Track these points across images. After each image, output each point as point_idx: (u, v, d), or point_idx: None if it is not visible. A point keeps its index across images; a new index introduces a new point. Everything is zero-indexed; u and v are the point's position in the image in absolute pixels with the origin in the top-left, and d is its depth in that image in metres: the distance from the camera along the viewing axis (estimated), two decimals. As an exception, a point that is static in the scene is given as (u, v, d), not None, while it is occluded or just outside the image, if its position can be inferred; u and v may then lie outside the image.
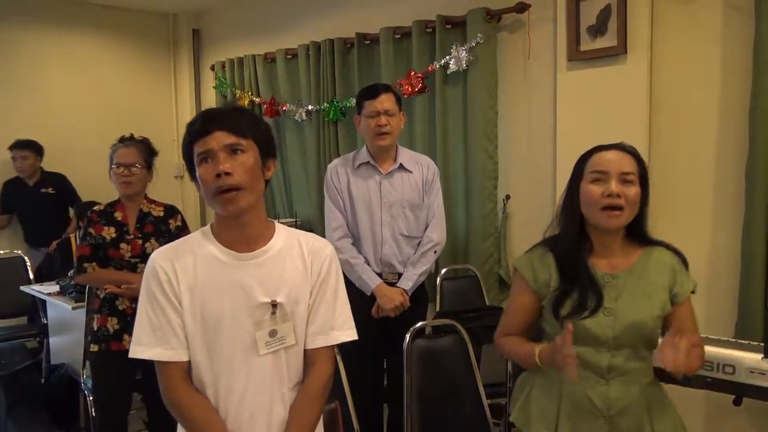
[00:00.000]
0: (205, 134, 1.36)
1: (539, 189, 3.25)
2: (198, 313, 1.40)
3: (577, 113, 3.01)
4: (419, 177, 2.73)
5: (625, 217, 1.59)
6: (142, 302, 1.42)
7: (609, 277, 1.63)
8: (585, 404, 1.61)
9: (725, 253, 2.71)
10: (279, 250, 1.46)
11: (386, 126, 2.59)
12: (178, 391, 1.40)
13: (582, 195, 1.63)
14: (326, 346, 1.49)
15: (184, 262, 1.41)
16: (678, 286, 1.64)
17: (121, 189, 2.64)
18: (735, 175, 2.66)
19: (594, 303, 1.59)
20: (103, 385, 2.66)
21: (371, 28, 3.82)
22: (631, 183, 1.59)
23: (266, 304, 1.42)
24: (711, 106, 2.73)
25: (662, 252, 1.68)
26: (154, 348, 1.39)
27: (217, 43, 5.20)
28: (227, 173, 1.34)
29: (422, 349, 2.22)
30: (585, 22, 2.94)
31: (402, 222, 2.70)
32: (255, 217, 1.43)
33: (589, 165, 1.65)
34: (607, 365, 1.59)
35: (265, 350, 1.42)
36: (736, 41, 2.64)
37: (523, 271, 1.71)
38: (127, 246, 2.60)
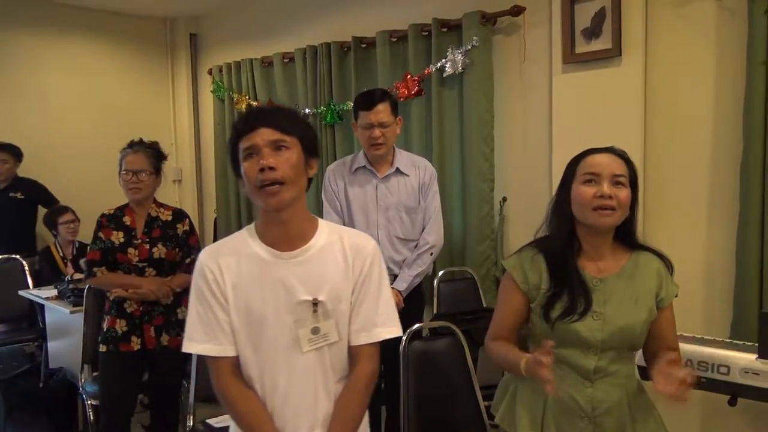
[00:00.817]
0: (251, 130, 1.41)
1: (535, 191, 3.26)
2: (242, 310, 1.44)
3: (573, 115, 3.02)
4: (416, 180, 2.75)
5: (616, 217, 1.60)
6: (192, 300, 1.48)
7: (597, 280, 1.64)
8: (570, 405, 1.63)
9: (720, 253, 2.72)
10: (321, 247, 1.48)
11: (380, 138, 2.61)
12: (227, 385, 1.45)
13: (574, 196, 1.64)
14: (369, 343, 1.50)
15: (228, 260, 1.46)
16: (664, 290, 1.66)
17: (130, 195, 2.66)
18: (730, 176, 2.67)
19: (583, 306, 1.59)
20: (111, 385, 2.68)
21: (367, 31, 3.84)
22: (623, 185, 1.61)
23: (307, 302, 1.44)
24: (705, 108, 2.75)
25: (649, 257, 1.70)
26: (204, 344, 1.44)
27: (215, 47, 5.22)
28: (271, 168, 1.37)
29: (419, 351, 2.23)
30: (580, 25, 2.95)
31: (398, 225, 2.71)
32: (297, 213, 1.46)
33: (581, 167, 1.65)
34: (593, 367, 1.61)
35: (308, 347, 1.45)
36: (730, 43, 2.66)
37: (513, 273, 1.70)
38: (135, 250, 2.62)
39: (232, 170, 1.50)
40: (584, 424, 1.62)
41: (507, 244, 3.44)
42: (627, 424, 1.63)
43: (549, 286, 1.64)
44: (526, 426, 1.68)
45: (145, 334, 2.62)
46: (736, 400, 2.01)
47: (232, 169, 1.48)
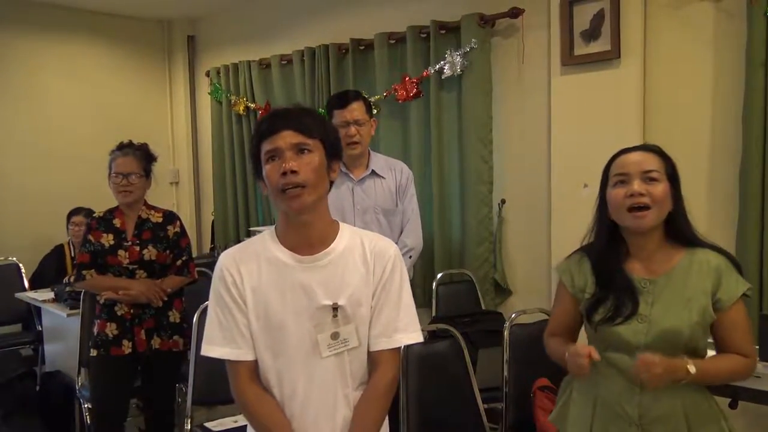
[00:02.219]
0: (273, 133, 1.39)
1: (534, 193, 3.26)
2: (261, 315, 1.43)
3: (572, 117, 3.02)
4: (392, 182, 2.72)
5: (653, 216, 1.55)
6: (211, 304, 1.47)
7: (646, 281, 1.59)
8: (618, 411, 1.59)
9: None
10: (341, 252, 1.47)
11: (356, 136, 2.59)
12: (245, 390, 1.44)
13: (608, 200, 1.62)
14: (389, 348, 1.48)
15: (248, 263, 1.45)
16: (722, 290, 1.56)
17: (120, 198, 2.65)
18: (728, 178, 2.67)
19: (629, 309, 1.56)
20: (101, 389, 2.66)
21: (366, 33, 3.83)
22: (656, 180, 1.56)
23: (327, 306, 1.43)
24: (704, 110, 2.75)
25: (708, 254, 1.61)
26: (223, 348, 1.43)
27: (212, 49, 5.20)
28: (293, 171, 1.36)
29: (418, 354, 2.22)
30: (578, 27, 2.95)
31: (375, 228, 2.66)
32: (318, 216, 1.44)
33: (612, 169, 1.63)
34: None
35: (328, 352, 1.43)
36: (728, 45, 2.66)
37: (562, 276, 1.72)
38: (125, 253, 2.60)
39: (252, 172, 1.48)
40: (633, 431, 1.57)
41: (506, 247, 3.43)
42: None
43: (594, 290, 1.63)
44: (574, 429, 1.67)
45: (136, 337, 2.59)
46: (737, 403, 2.00)
47: (253, 170, 1.47)
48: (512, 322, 2.39)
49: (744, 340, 1.58)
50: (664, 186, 1.57)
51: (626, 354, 1.55)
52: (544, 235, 3.19)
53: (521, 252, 3.39)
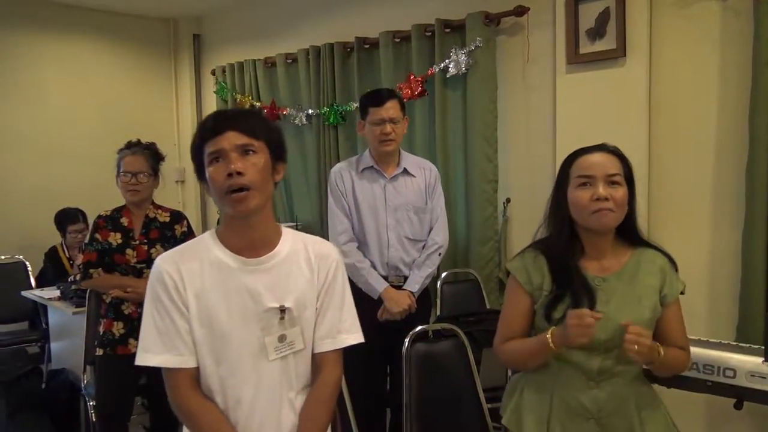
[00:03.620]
0: (217, 134, 1.36)
1: (539, 192, 3.22)
2: (205, 319, 1.39)
3: (577, 116, 3.01)
4: (422, 181, 2.74)
5: (615, 217, 1.59)
6: (147, 308, 1.40)
7: (600, 279, 1.63)
8: (575, 406, 1.62)
9: (726, 255, 2.70)
10: (286, 255, 1.46)
11: (391, 134, 2.60)
12: (186, 398, 1.38)
13: (570, 200, 1.63)
14: (334, 349, 1.49)
15: (190, 266, 1.40)
16: (667, 287, 1.65)
17: (128, 197, 2.66)
18: (735, 178, 2.66)
19: (586, 307, 1.57)
20: (107, 388, 2.67)
21: (371, 32, 3.82)
22: (618, 184, 1.59)
23: (274, 309, 1.41)
24: (710, 109, 2.73)
25: (652, 253, 1.68)
26: (162, 354, 1.36)
27: (218, 47, 5.21)
28: (239, 173, 1.33)
29: (422, 353, 2.21)
30: (584, 26, 2.94)
31: (407, 225, 2.70)
32: (263, 219, 1.43)
33: (574, 169, 1.64)
34: (597, 368, 1.60)
35: (275, 355, 1.42)
36: (735, 44, 2.64)
37: (517, 274, 1.70)
38: (133, 252, 2.61)
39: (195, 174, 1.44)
40: (590, 426, 1.61)
41: (510, 246, 3.42)
42: (635, 425, 1.61)
43: (551, 287, 1.64)
44: (531, 428, 1.68)
45: None
46: (742, 404, 1.99)
47: (196, 173, 1.43)
48: (516, 322, 2.38)
49: (682, 335, 1.68)
50: (625, 190, 1.60)
51: (585, 350, 1.58)
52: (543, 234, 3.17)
53: (526, 251, 3.37)
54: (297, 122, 4.29)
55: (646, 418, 1.62)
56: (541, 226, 1.76)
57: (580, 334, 1.48)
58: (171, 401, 1.39)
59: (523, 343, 1.68)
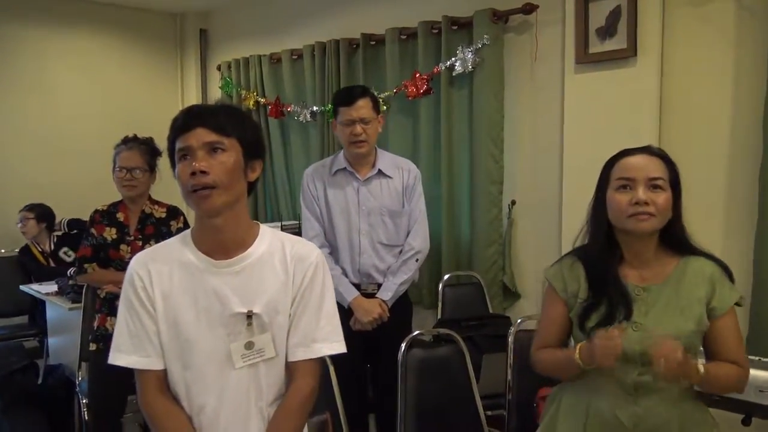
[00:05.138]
0: (186, 130, 1.32)
1: (545, 195, 3.17)
2: (171, 322, 1.36)
3: (585, 117, 2.93)
4: (399, 182, 2.63)
5: (655, 222, 1.51)
6: (120, 309, 1.40)
7: (640, 289, 1.55)
8: (612, 423, 1.53)
9: (737, 262, 2.58)
10: (259, 256, 1.40)
11: (361, 135, 2.51)
12: (152, 401, 1.37)
13: (609, 203, 1.56)
14: (307, 359, 1.42)
15: (160, 267, 1.38)
16: (717, 299, 1.53)
17: (124, 192, 2.64)
18: (748, 182, 2.57)
19: (622, 316, 1.50)
20: (99, 385, 2.64)
21: (377, 28, 3.76)
22: (661, 189, 1.51)
23: (241, 314, 1.36)
24: (723, 111, 2.64)
25: (702, 262, 1.58)
26: (131, 355, 1.36)
27: (224, 43, 5.17)
28: (203, 171, 1.29)
29: (418, 358, 2.15)
30: (594, 24, 2.86)
31: (381, 230, 2.60)
32: (233, 219, 1.37)
33: (615, 171, 1.57)
34: (634, 382, 1.51)
35: (241, 363, 1.36)
36: (750, 44, 2.56)
37: (554, 281, 1.65)
38: (128, 247, 2.60)
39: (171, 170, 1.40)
40: None
41: (515, 249, 3.35)
42: None
43: (587, 295, 1.57)
44: None
45: None
46: (751, 420, 1.91)
47: (172, 168, 1.39)
48: (518, 328, 2.31)
49: (737, 350, 1.54)
50: (668, 195, 1.52)
51: (620, 363, 1.48)
52: (555, 237, 3.10)
53: (531, 255, 3.30)
54: (301, 119, 4.23)
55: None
56: (580, 233, 1.68)
57: (605, 355, 1.41)
58: (138, 402, 1.40)
59: (555, 354, 1.62)
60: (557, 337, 1.64)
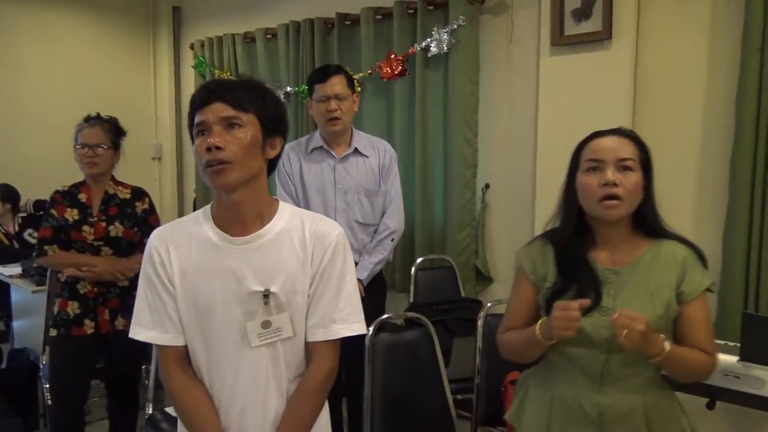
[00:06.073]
0: (205, 105, 1.31)
1: (519, 179, 3.15)
2: (190, 298, 1.35)
3: (560, 101, 2.90)
4: (375, 162, 2.63)
5: (624, 207, 1.48)
6: (140, 283, 1.40)
7: (610, 272, 1.52)
8: (575, 410, 1.51)
9: (706, 248, 2.57)
10: (277, 234, 1.37)
11: (336, 111, 2.50)
12: (172, 377, 1.38)
13: (578, 186, 1.53)
14: (326, 340, 1.39)
15: (179, 243, 1.37)
16: (687, 283, 1.49)
17: (86, 170, 2.56)
18: (719, 169, 2.57)
19: (592, 301, 1.47)
20: (61, 370, 2.57)
21: (352, 8, 3.69)
22: (631, 170, 1.48)
23: (258, 293, 1.34)
24: (697, 96, 2.64)
25: (674, 245, 1.54)
26: (151, 331, 1.37)
27: (197, 21, 5.05)
28: (217, 147, 1.27)
29: (386, 342, 2.12)
30: (570, 6, 2.83)
31: (357, 209, 2.60)
32: (251, 195, 1.34)
33: (584, 153, 1.54)
34: (600, 369, 1.49)
35: (258, 342, 1.34)
36: (725, 29, 2.54)
37: (524, 263, 1.62)
38: (90, 228, 2.51)
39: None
40: (591, 430, 1.50)
41: (488, 233, 3.33)
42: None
43: (556, 279, 1.54)
44: (530, 427, 1.59)
45: (99, 317, 2.50)
46: (715, 404, 1.92)
47: (192, 143, 1.37)
48: (487, 312, 2.30)
49: (706, 336, 1.51)
50: (638, 176, 1.49)
51: (586, 349, 1.47)
52: (528, 222, 3.08)
53: (504, 239, 3.28)
54: (275, 100, 4.15)
55: (655, 424, 1.48)
56: (552, 217, 1.64)
57: (563, 327, 1.38)
58: (160, 376, 1.41)
59: (518, 334, 1.58)
60: (524, 320, 1.61)
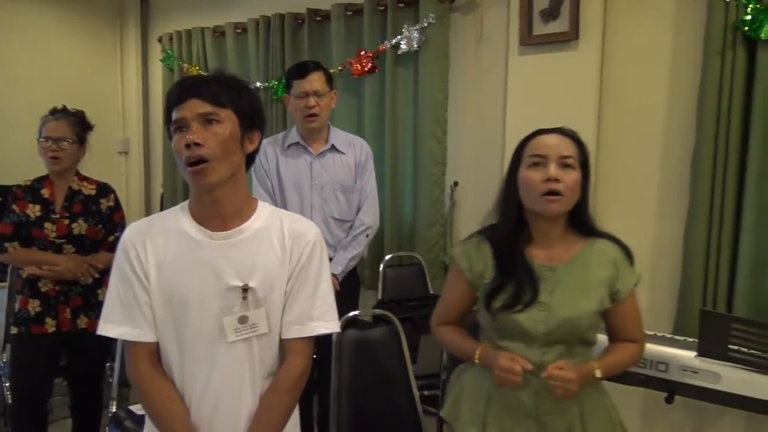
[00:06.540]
0: (181, 101, 1.31)
1: (487, 176, 3.16)
2: (165, 293, 1.34)
3: (528, 100, 2.93)
4: (352, 158, 2.65)
5: (564, 203, 1.52)
6: (112, 278, 1.38)
7: (546, 269, 1.55)
8: (513, 403, 1.55)
9: (668, 246, 2.68)
10: (257, 230, 1.38)
11: (315, 107, 2.51)
12: (141, 373, 1.36)
13: (520, 181, 1.56)
14: (302, 337, 1.40)
15: (155, 237, 1.36)
16: (621, 281, 1.56)
17: (49, 165, 2.50)
18: (681, 168, 2.63)
19: (529, 297, 1.51)
20: (22, 369, 2.52)
21: (323, 3, 3.67)
22: (571, 168, 1.52)
23: (237, 288, 1.34)
24: (660, 96, 2.69)
25: (606, 244, 1.60)
26: (122, 327, 1.35)
27: (166, 14, 4.97)
28: (196, 144, 1.28)
29: (353, 339, 2.12)
30: (538, 6, 2.85)
31: (333, 205, 2.61)
32: (230, 192, 1.35)
33: (528, 149, 1.57)
34: (538, 363, 1.52)
35: (234, 337, 1.34)
36: (688, 31, 2.60)
37: (460, 261, 1.64)
38: (53, 225, 2.45)
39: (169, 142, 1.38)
40: (528, 424, 1.54)
41: (457, 230, 3.35)
42: (575, 424, 1.54)
43: (494, 276, 1.57)
44: (467, 423, 1.61)
45: (60, 315, 2.46)
46: (673, 398, 1.97)
47: (169, 140, 1.37)
48: (453, 309, 2.31)
49: (637, 328, 1.61)
50: (578, 174, 1.53)
51: (524, 343, 1.51)
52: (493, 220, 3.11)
53: (472, 236, 3.30)
54: (245, 95, 4.12)
55: (588, 417, 1.55)
56: (489, 213, 1.68)
57: (503, 382, 1.46)
58: (128, 373, 1.39)
59: (455, 339, 1.65)
60: (458, 314, 1.69)
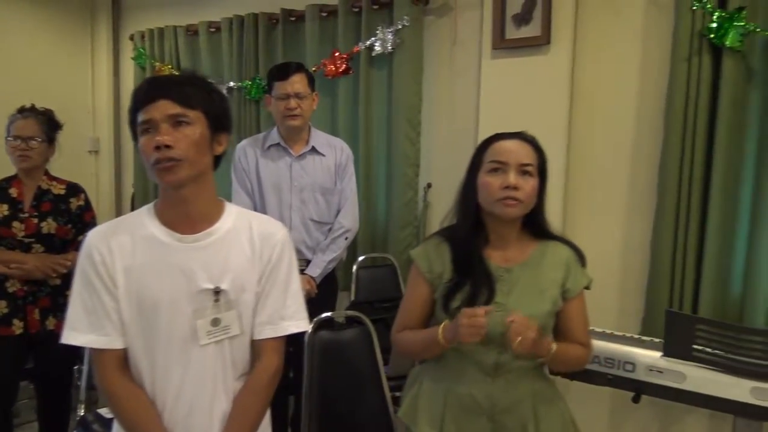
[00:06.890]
0: (149, 102, 1.28)
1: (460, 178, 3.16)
2: (134, 298, 1.31)
3: (500, 103, 2.96)
4: (332, 161, 2.65)
5: (521, 208, 1.55)
6: (75, 285, 1.34)
7: (503, 270, 1.58)
8: (468, 402, 1.57)
9: (636, 248, 2.73)
10: (226, 232, 1.37)
11: (296, 109, 2.51)
12: (111, 381, 1.33)
13: (480, 185, 1.58)
14: (274, 337, 1.40)
15: (121, 241, 1.33)
16: (570, 281, 1.60)
17: (17, 163, 2.47)
18: (649, 172, 2.68)
19: (485, 297, 1.53)
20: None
21: (297, 4, 3.66)
22: (530, 175, 1.55)
23: (208, 290, 1.33)
24: (629, 101, 2.74)
25: (558, 246, 1.64)
26: (88, 334, 1.31)
27: (138, 11, 4.90)
28: (167, 146, 1.26)
29: (326, 341, 2.13)
30: (511, 10, 2.88)
31: (312, 207, 2.61)
32: (199, 193, 1.34)
33: (488, 154, 1.59)
34: (494, 362, 1.55)
35: (207, 340, 1.33)
36: (656, 38, 2.65)
37: (419, 261, 1.64)
38: (21, 225, 2.42)
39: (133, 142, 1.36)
40: (483, 422, 1.56)
41: (430, 231, 3.35)
42: (529, 422, 1.57)
43: (452, 276, 1.58)
44: (425, 423, 1.62)
45: (28, 317, 2.42)
46: (640, 398, 2.00)
47: (133, 141, 1.35)
48: (427, 310, 2.32)
49: (584, 330, 1.63)
50: (536, 181, 1.56)
51: (480, 344, 1.51)
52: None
53: (445, 238, 3.32)
54: (218, 95, 4.09)
55: (542, 415, 1.58)
56: (448, 214, 1.70)
57: (470, 333, 1.43)
58: (96, 382, 1.36)
59: (416, 334, 1.63)
60: (419, 319, 1.66)
